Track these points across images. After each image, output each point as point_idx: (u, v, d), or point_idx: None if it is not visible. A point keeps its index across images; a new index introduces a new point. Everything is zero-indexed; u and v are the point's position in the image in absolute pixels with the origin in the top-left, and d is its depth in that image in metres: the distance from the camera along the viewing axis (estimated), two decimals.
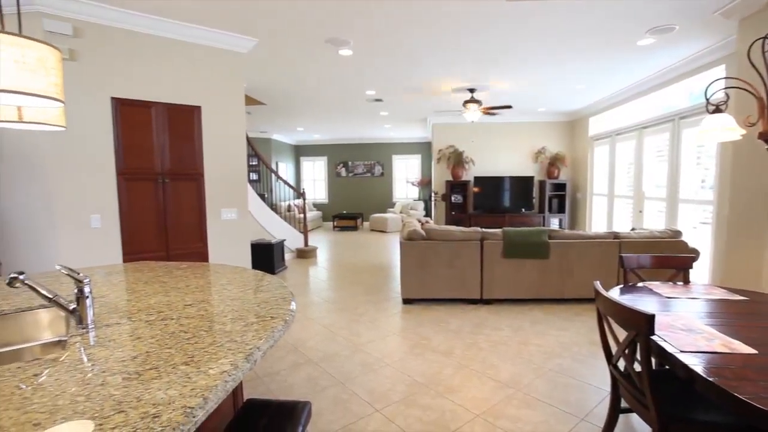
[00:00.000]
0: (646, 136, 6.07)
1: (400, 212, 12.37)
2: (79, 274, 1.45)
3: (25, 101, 1.37)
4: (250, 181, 8.00)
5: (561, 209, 8.92)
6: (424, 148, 13.09)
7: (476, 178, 9.18)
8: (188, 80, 3.89)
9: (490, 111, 6.77)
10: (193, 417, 0.91)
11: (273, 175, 8.58)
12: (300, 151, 13.91)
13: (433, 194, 9.77)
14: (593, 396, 2.66)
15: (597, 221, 8.03)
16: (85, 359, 1.21)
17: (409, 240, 4.61)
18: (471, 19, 3.73)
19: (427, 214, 12.26)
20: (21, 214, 3.39)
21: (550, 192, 8.94)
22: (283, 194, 11.39)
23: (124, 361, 1.18)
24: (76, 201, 3.41)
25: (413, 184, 12.92)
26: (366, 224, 13.24)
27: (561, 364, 3.13)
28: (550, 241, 4.52)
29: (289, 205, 10.17)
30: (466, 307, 4.53)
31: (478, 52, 4.65)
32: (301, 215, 9.61)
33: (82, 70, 3.35)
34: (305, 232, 7.87)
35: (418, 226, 4.81)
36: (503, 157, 9.41)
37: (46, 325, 1.78)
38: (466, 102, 6.50)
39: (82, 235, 3.45)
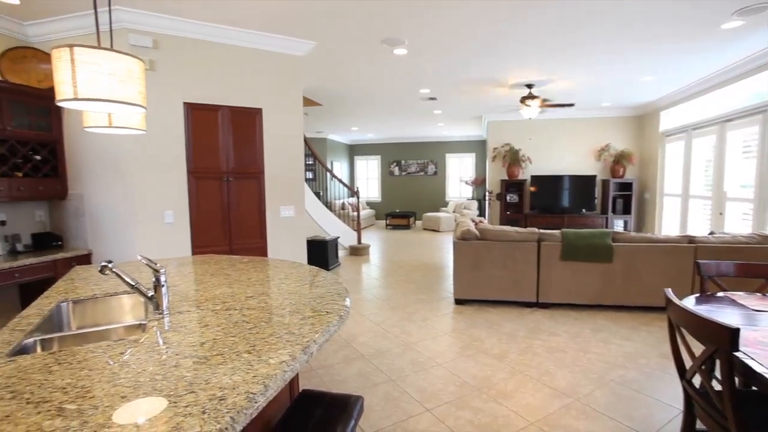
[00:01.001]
0: (729, 130, 5.49)
1: (453, 211, 12.20)
2: (156, 264, 1.59)
3: (115, 108, 1.52)
4: (306, 180, 8.29)
5: (626, 210, 8.34)
6: (478, 147, 12.81)
7: (533, 177, 8.83)
8: (251, 84, 4.11)
9: (549, 105, 6.48)
10: (255, 402, 0.97)
11: (328, 173, 8.83)
12: (354, 151, 14.17)
13: (487, 193, 9.54)
14: (662, 413, 2.47)
15: (668, 224, 7.40)
16: (161, 342, 1.32)
17: (463, 240, 4.54)
18: (530, 12, 3.59)
19: (481, 213, 11.99)
20: (109, 210, 3.77)
21: (614, 192, 8.38)
22: (338, 192, 11.68)
23: (194, 346, 1.28)
24: (153, 198, 3.72)
25: (467, 183, 12.68)
26: (418, 223, 13.21)
27: (624, 375, 2.93)
28: (613, 244, 4.24)
29: (343, 204, 10.41)
30: (521, 310, 4.38)
31: (538, 45, 4.46)
32: (355, 213, 9.79)
33: (160, 78, 3.65)
34: (358, 230, 8.01)
35: (472, 226, 4.72)
36: (563, 154, 8.96)
37: (129, 309, 1.97)
38: (524, 98, 6.27)
39: (157, 229, 3.76)
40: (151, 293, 1.60)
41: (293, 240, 4.47)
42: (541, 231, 4.49)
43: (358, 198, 8.15)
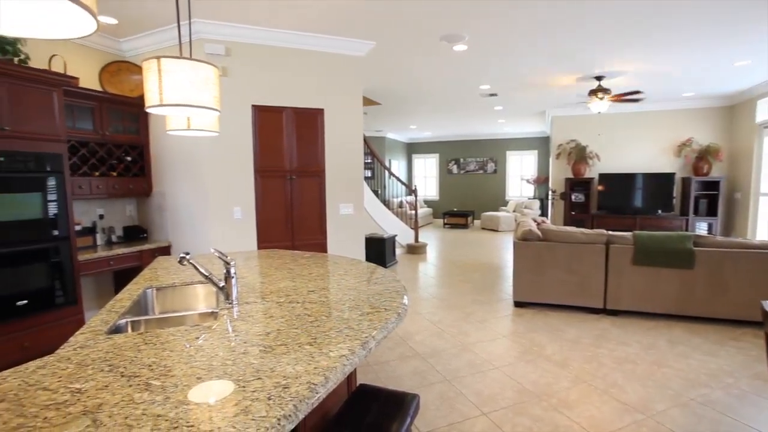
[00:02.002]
0: None
1: (514, 211, 11.78)
2: (227, 257, 1.71)
3: (193, 112, 1.65)
4: (365, 179, 8.46)
5: (711, 212, 7.53)
6: (541, 144, 12.25)
7: (602, 176, 8.27)
8: (313, 85, 4.26)
9: (621, 99, 6.03)
10: (316, 393, 1.01)
11: (386, 172, 8.90)
12: (412, 149, 14.17)
13: (550, 192, 9.10)
14: None
15: (764, 227, 6.58)
16: (230, 330, 1.42)
17: (524, 240, 4.37)
18: None
19: (543, 213, 11.46)
20: (186, 206, 4.11)
21: (696, 191, 7.60)
22: (396, 191, 11.75)
23: (260, 335, 1.36)
24: (223, 195, 4.00)
25: (528, 181, 12.18)
26: (477, 222, 12.93)
27: (708, 395, 2.66)
28: (695, 248, 3.86)
29: (401, 202, 10.45)
30: (586, 316, 4.14)
31: (608, 33, 4.17)
32: (412, 212, 9.80)
33: (231, 82, 3.91)
34: (416, 229, 8.01)
35: (534, 226, 4.53)
36: (636, 151, 8.29)
37: (202, 297, 2.14)
38: (593, 92, 5.90)
39: (227, 224, 4.03)
40: (222, 284, 1.72)
41: (352, 237, 4.58)
42: (610, 233, 4.20)
43: (415, 196, 8.15)
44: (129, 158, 4.09)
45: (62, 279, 3.23)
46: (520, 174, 12.74)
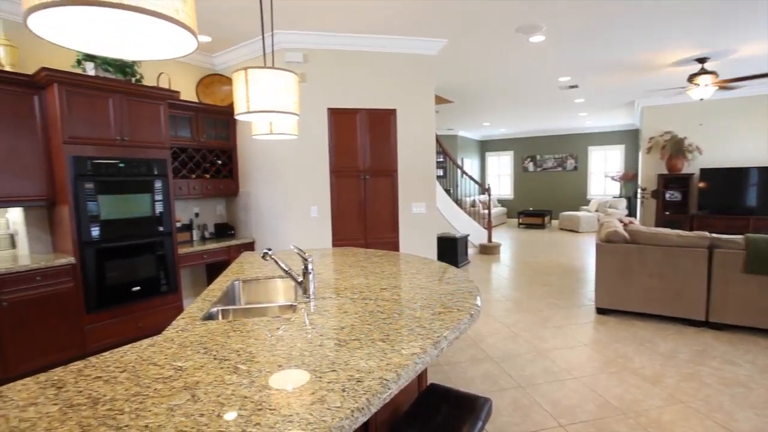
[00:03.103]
0: None
1: (596, 210, 10.93)
2: (305, 253, 1.81)
3: (275, 118, 1.77)
4: (437, 177, 8.39)
5: None
6: (628, 137, 11.21)
7: (704, 171, 7.34)
8: (386, 86, 4.33)
9: (729, 84, 5.30)
10: (389, 389, 1.03)
11: (458, 171, 8.76)
12: (485, 147, 13.78)
13: (639, 190, 8.29)
14: None
15: None
16: (307, 323, 1.50)
17: (608, 242, 4.04)
18: None
19: (631, 213, 10.49)
20: (269, 205, 4.42)
21: None
22: (468, 190, 11.52)
23: (335, 329, 1.42)
24: (301, 195, 4.23)
25: (613, 178, 11.21)
26: (554, 222, 12.21)
27: None
28: None
29: (474, 201, 10.22)
30: (683, 329, 3.71)
31: (711, 5, 3.69)
32: (485, 211, 9.54)
33: (308, 88, 4.12)
34: (489, 228, 7.79)
35: (620, 227, 4.16)
36: (746, 142, 7.21)
37: (282, 291, 2.28)
38: (693, 76, 5.25)
39: (305, 222, 4.26)
40: (300, 279, 1.83)
41: (424, 236, 4.58)
42: (714, 236, 3.72)
43: (489, 195, 7.92)
44: (220, 162, 4.50)
45: (166, 269, 3.65)
46: (603, 171, 11.78)
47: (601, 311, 4.18)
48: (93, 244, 3.18)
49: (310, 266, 1.78)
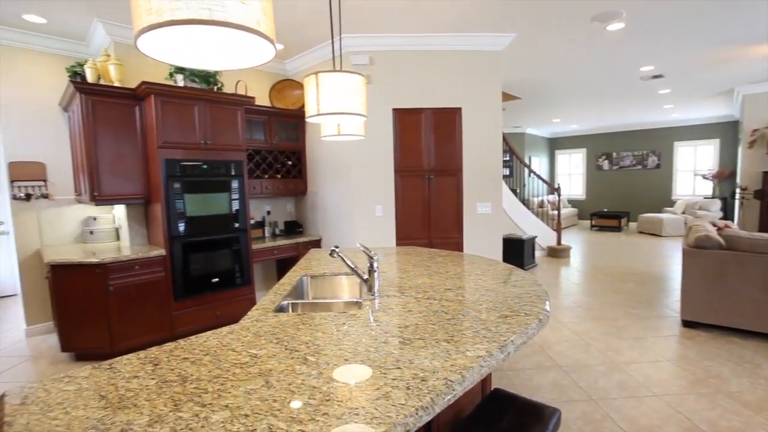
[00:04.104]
0: None
1: (683, 212, 9.91)
2: (371, 251, 1.85)
3: (343, 119, 1.83)
4: (503, 177, 8.12)
5: None
6: (724, 130, 9.99)
7: None
8: (451, 85, 4.27)
9: None
10: (453, 390, 1.03)
11: (526, 169, 8.42)
12: (555, 144, 13.08)
13: (738, 190, 7.36)
14: None
15: None
16: (372, 320, 1.53)
17: (698, 248, 3.65)
18: None
19: (726, 216, 9.36)
20: (335, 204, 4.57)
21: None
22: (536, 189, 11.01)
23: (399, 328, 1.44)
24: (367, 194, 4.31)
25: (705, 177, 10.07)
26: (632, 225, 11.27)
27: None
28: None
29: (542, 201, 9.76)
30: None
31: None
32: (554, 212, 9.07)
33: (374, 89, 4.19)
34: (558, 230, 7.40)
35: (713, 231, 3.74)
36: None
37: (347, 288, 2.35)
38: None
39: (369, 221, 4.34)
40: (365, 276, 1.87)
41: (489, 236, 4.47)
42: None
43: (558, 195, 7.51)
44: (290, 162, 4.74)
45: (240, 263, 3.92)
46: (693, 168, 10.63)
47: (687, 324, 3.79)
48: (180, 238, 3.52)
49: (375, 264, 1.81)
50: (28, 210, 3.83)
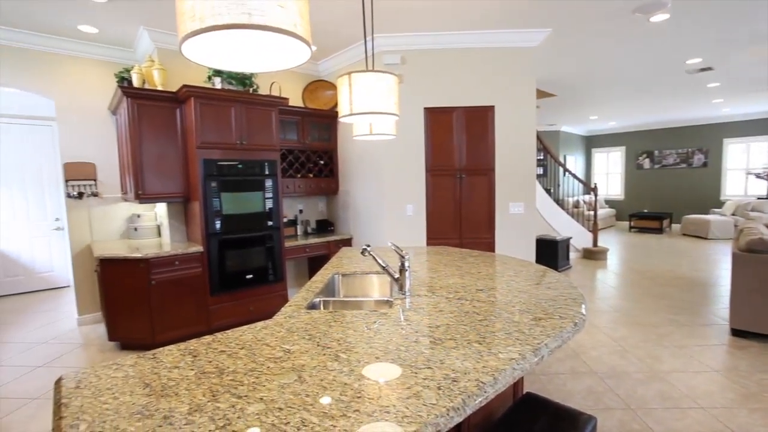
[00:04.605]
0: None
1: (732, 214, 9.33)
2: (402, 250, 1.85)
3: (375, 119, 1.84)
4: (537, 176, 7.94)
5: None
6: None
7: None
8: (483, 83, 4.21)
9: None
10: (485, 392, 1.02)
11: (560, 169, 8.17)
12: (591, 142, 12.62)
13: None
14: None
15: None
16: (402, 319, 1.54)
17: (750, 252, 3.43)
18: None
19: None
20: (366, 203, 4.60)
21: None
22: (571, 189, 10.68)
23: (430, 327, 1.43)
24: (398, 193, 4.31)
25: (759, 176, 9.41)
26: (675, 227, 10.71)
27: None
28: None
29: (577, 201, 9.44)
30: None
31: None
32: (590, 212, 8.76)
33: (406, 88, 4.18)
34: (594, 231, 7.14)
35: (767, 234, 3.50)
36: None
37: (377, 286, 2.37)
38: None
39: (400, 220, 4.34)
40: (396, 275, 1.88)
41: (521, 237, 4.37)
42: None
43: (595, 195, 7.25)
44: (321, 162, 4.81)
45: (273, 261, 4.02)
46: (745, 167, 9.98)
47: (737, 333, 3.56)
48: (216, 235, 3.64)
49: (407, 263, 1.81)
50: (80, 207, 4.08)
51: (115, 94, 3.66)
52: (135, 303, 3.39)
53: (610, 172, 12.37)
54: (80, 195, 4.05)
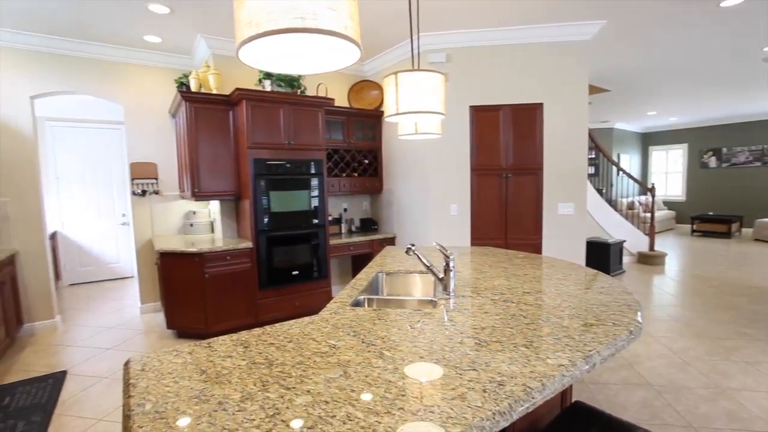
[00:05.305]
0: None
1: None
2: (447, 250, 1.84)
3: (421, 118, 1.84)
4: (588, 176, 7.56)
5: None
6: None
7: None
8: (531, 79, 4.07)
9: None
10: (532, 397, 0.99)
11: (614, 168, 7.75)
12: (648, 140, 11.85)
13: None
14: None
15: None
16: (446, 319, 1.52)
17: None
18: None
19: None
20: (410, 202, 4.61)
21: None
22: (625, 189, 10.09)
23: (475, 329, 1.41)
24: (442, 193, 4.28)
25: None
26: (746, 231, 9.82)
27: None
28: None
29: (632, 203, 8.92)
30: None
31: None
32: (647, 214, 8.23)
33: (451, 87, 4.14)
34: (651, 235, 6.70)
35: None
36: None
37: (420, 286, 2.36)
38: None
39: (444, 220, 4.30)
40: (441, 275, 1.86)
41: (571, 239, 4.19)
42: None
43: (652, 196, 6.80)
44: (366, 161, 4.87)
45: (318, 258, 4.12)
46: None
47: None
48: (265, 232, 3.79)
49: (451, 263, 1.80)
50: (143, 204, 4.40)
51: (174, 98, 3.91)
52: (190, 294, 3.60)
53: (670, 171, 11.55)
54: (143, 192, 4.36)
